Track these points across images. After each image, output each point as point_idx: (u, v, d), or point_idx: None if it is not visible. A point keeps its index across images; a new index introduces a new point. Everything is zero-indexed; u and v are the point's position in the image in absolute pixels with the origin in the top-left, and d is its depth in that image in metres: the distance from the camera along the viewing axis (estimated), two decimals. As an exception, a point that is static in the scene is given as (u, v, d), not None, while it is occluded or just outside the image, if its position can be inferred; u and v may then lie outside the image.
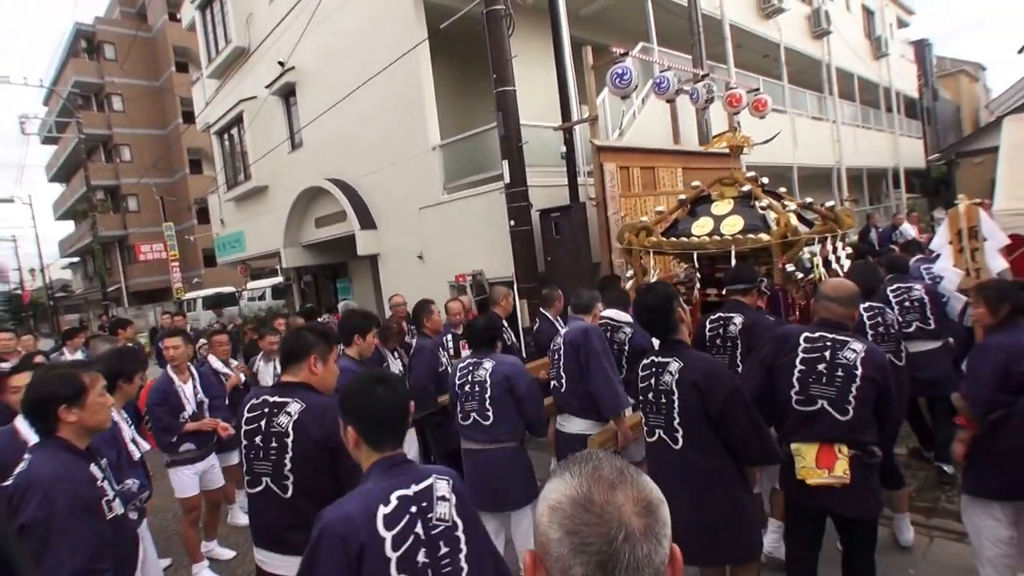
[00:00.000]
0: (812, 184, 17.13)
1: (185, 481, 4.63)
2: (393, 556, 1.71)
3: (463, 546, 1.83)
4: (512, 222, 7.66)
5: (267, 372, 5.97)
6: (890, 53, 23.13)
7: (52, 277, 39.73)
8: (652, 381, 2.95)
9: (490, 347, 3.91)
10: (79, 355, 7.49)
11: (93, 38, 35.23)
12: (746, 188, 5.33)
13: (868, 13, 23.15)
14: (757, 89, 9.85)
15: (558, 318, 5.54)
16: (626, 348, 4.46)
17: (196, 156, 34.28)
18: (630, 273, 5.85)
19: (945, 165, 17.18)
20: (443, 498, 1.84)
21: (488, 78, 7.69)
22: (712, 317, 4.28)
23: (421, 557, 1.75)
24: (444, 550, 1.79)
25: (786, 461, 2.98)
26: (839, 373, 2.88)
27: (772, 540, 3.86)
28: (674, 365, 2.86)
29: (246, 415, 2.65)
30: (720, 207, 5.37)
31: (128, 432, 3.38)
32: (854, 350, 2.89)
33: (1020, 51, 24.64)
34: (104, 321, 16.85)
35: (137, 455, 3.32)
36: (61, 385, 2.34)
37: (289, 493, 2.53)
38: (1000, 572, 2.97)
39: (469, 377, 3.79)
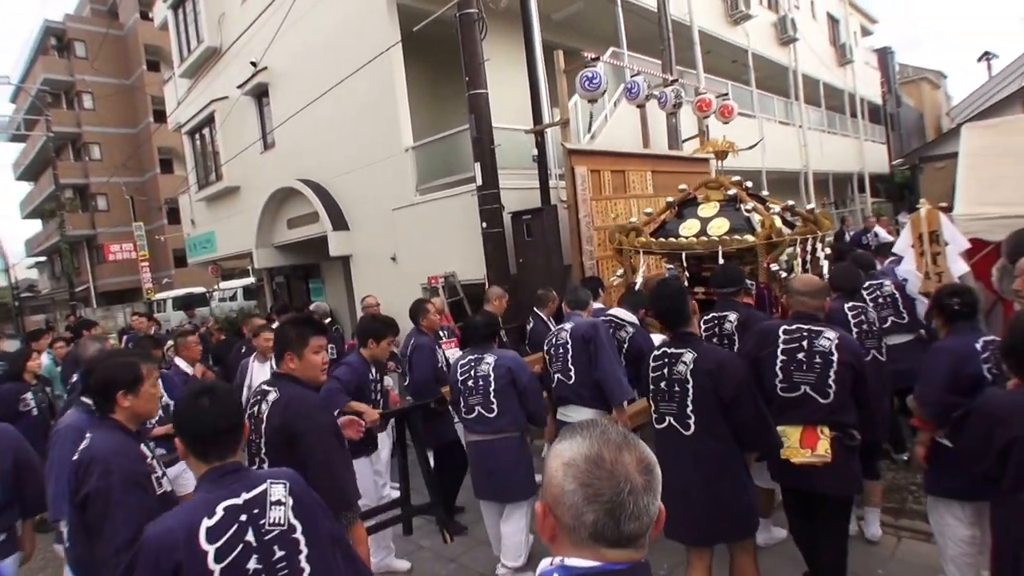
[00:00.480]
0: (780, 188, 17.32)
1: None
2: (217, 568, 1.70)
3: (303, 547, 1.85)
4: (484, 224, 7.72)
5: (263, 372, 5.73)
6: (854, 60, 23.56)
7: (18, 277, 38.76)
8: (665, 371, 3.12)
9: (489, 342, 4.08)
10: (45, 357, 7.39)
11: (63, 35, 34.51)
12: (731, 192, 5.51)
13: (833, 21, 23.62)
14: (726, 94, 10.05)
15: (551, 318, 5.77)
16: (624, 346, 4.62)
17: (167, 155, 33.74)
18: (620, 272, 6.02)
19: (908, 170, 17.53)
20: (278, 502, 1.85)
21: (461, 81, 7.76)
22: (706, 317, 4.41)
23: (253, 564, 1.76)
24: (280, 554, 1.80)
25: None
26: (817, 360, 3.13)
27: (764, 539, 3.99)
28: (688, 355, 3.04)
29: (249, 399, 2.90)
30: (706, 209, 5.54)
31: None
32: (828, 338, 3.15)
33: (980, 59, 25.40)
34: (71, 322, 16.52)
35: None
36: (122, 372, 2.53)
37: None
38: (963, 571, 3.09)
39: (472, 372, 3.94)
